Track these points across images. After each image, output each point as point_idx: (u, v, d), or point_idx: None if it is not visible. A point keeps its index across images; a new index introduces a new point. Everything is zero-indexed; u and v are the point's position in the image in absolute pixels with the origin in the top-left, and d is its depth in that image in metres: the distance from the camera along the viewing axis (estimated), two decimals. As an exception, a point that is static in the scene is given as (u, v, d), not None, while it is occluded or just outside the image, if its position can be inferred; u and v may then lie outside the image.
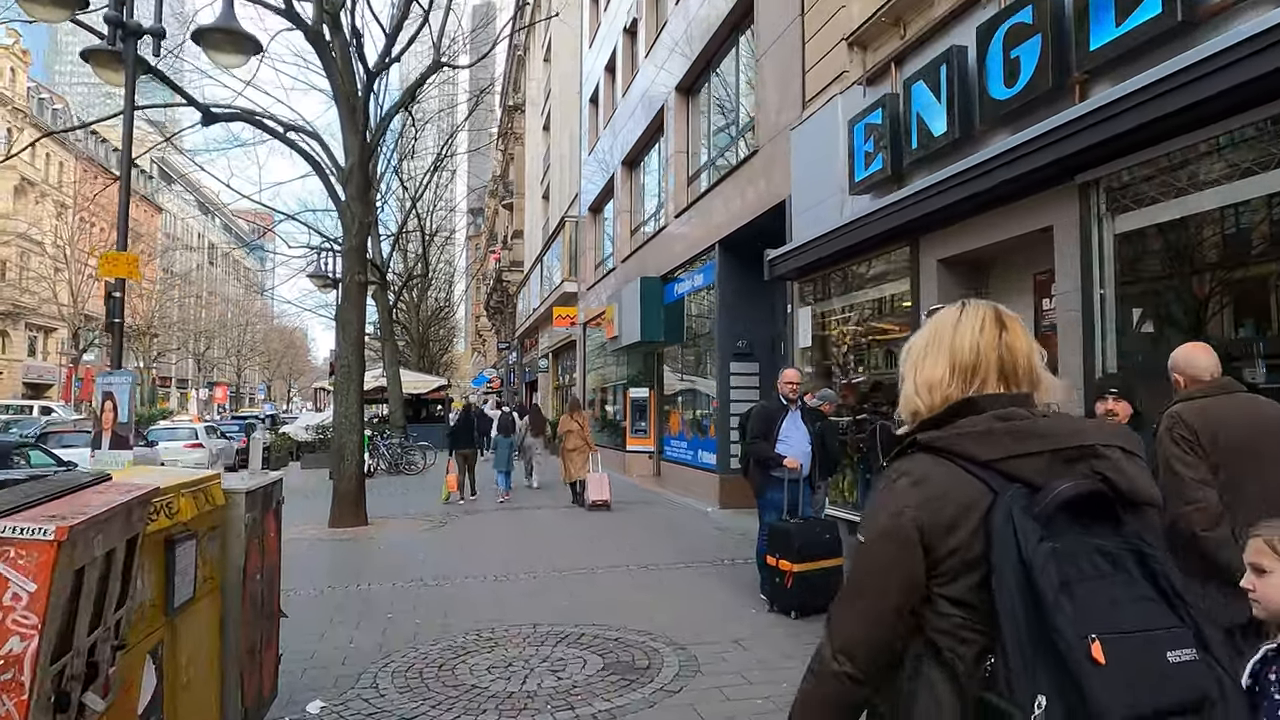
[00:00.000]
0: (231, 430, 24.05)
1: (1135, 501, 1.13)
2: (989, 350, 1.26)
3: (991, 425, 1.18)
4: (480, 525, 10.41)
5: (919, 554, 1.15)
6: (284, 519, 10.05)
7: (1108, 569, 1.06)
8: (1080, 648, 0.99)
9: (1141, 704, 0.98)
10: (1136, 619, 1.03)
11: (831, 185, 7.85)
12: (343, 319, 10.41)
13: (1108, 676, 0.98)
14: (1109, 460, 1.15)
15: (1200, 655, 1.03)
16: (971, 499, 1.14)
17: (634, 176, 17.76)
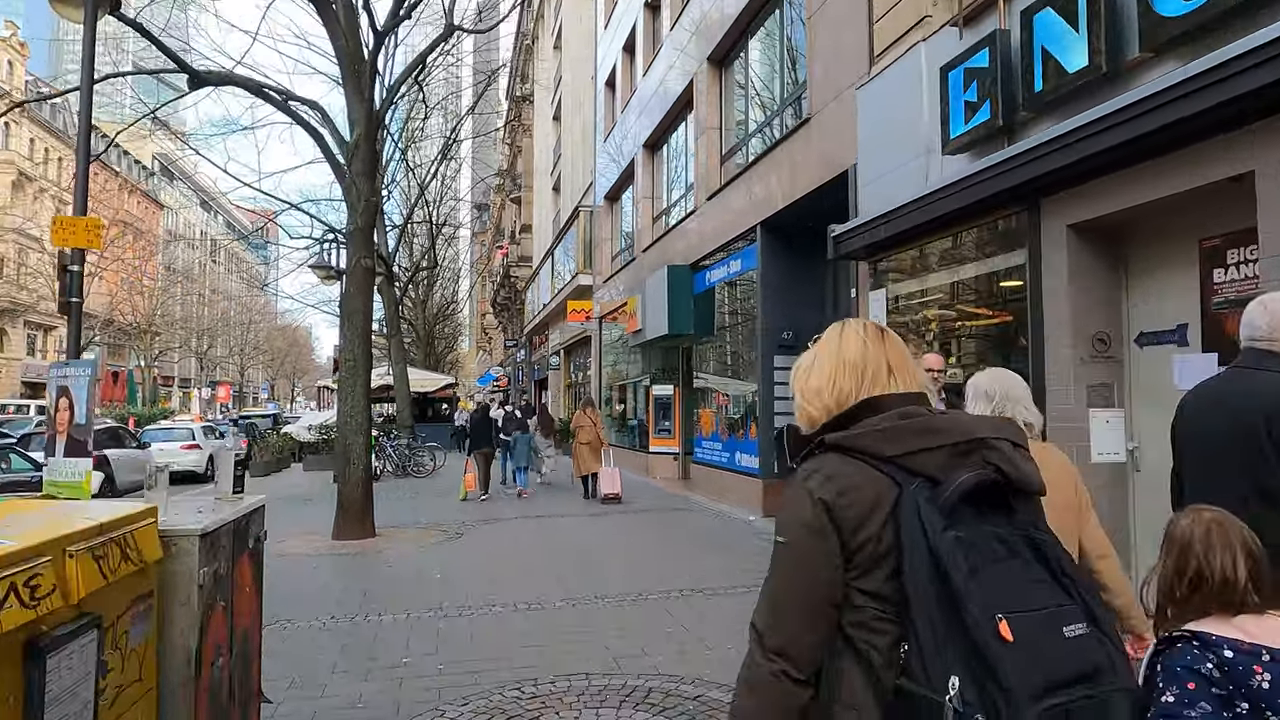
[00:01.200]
0: (230, 430, 23.03)
1: (1024, 490, 1.22)
2: (876, 355, 1.33)
3: (894, 423, 1.25)
4: (500, 536, 9.36)
5: (837, 546, 1.20)
6: (284, 528, 9.04)
7: (1005, 554, 1.13)
8: (989, 627, 1.06)
9: (1046, 675, 1.05)
10: (1036, 598, 1.11)
11: (912, 147, 6.77)
12: (348, 308, 9.36)
13: (1015, 652, 1.05)
14: (999, 451, 1.22)
15: (1090, 629, 1.11)
16: (879, 493, 1.20)
17: (656, 160, 16.69)
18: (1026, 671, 1.04)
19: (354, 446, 9.22)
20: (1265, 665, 1.39)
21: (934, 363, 4.92)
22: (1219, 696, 1.39)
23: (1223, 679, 1.40)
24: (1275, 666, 1.39)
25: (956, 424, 1.25)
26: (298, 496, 14.12)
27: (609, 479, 12.30)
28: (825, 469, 1.24)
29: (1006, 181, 5.29)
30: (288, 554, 8.43)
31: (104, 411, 39.43)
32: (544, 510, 11.60)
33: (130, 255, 50.35)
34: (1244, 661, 1.40)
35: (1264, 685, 1.38)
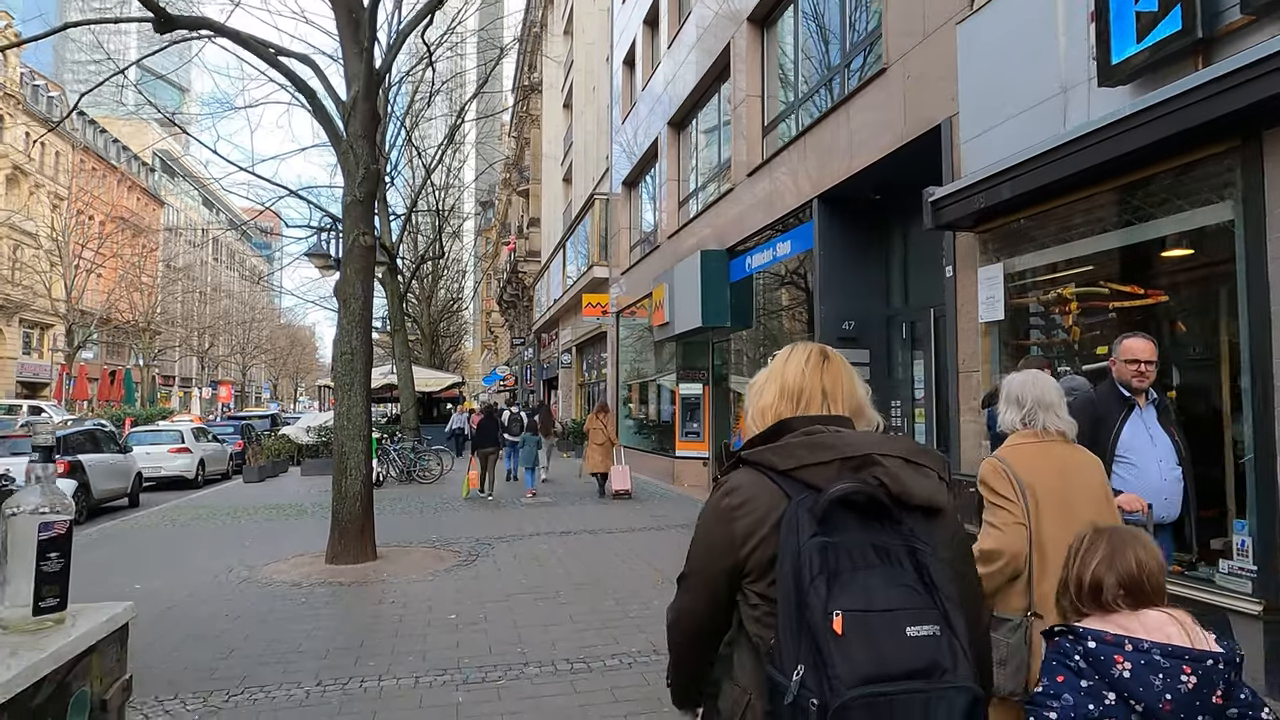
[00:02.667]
0: (225, 432, 21.76)
1: (908, 504, 1.30)
2: (812, 379, 1.48)
3: (792, 440, 1.37)
4: (521, 560, 8.04)
5: (732, 557, 1.35)
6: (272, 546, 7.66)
7: (875, 560, 1.23)
8: (824, 622, 1.18)
9: (871, 667, 1.16)
10: (888, 600, 1.19)
11: (1040, 85, 5.44)
12: (344, 293, 8.05)
13: (844, 645, 1.16)
14: (885, 468, 1.30)
15: (943, 632, 1.20)
16: (772, 504, 1.33)
17: (683, 139, 15.36)
18: (852, 661, 1.16)
19: (351, 453, 7.91)
20: (1126, 655, 1.48)
21: (1140, 350, 3.57)
22: (1087, 688, 1.49)
23: (1089, 669, 1.50)
24: (1136, 656, 1.47)
25: (847, 441, 1.36)
26: (292, 506, 12.82)
27: (619, 477, 12.92)
28: (733, 482, 1.40)
29: (1211, 110, 3.96)
30: (273, 582, 7.12)
31: (101, 412, 38.29)
32: (564, 523, 10.27)
33: (129, 252, 49.21)
34: (1105, 651, 1.49)
35: (1124, 674, 1.47)
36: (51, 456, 1.62)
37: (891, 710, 1.15)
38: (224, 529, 10.66)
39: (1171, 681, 1.45)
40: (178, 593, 6.78)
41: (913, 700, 1.16)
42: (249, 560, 8.16)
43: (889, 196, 8.64)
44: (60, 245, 41.58)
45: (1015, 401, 2.51)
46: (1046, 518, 2.33)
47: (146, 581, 7.31)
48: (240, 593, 6.78)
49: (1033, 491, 2.37)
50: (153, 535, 10.24)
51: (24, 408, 33.02)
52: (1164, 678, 1.46)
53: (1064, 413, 2.49)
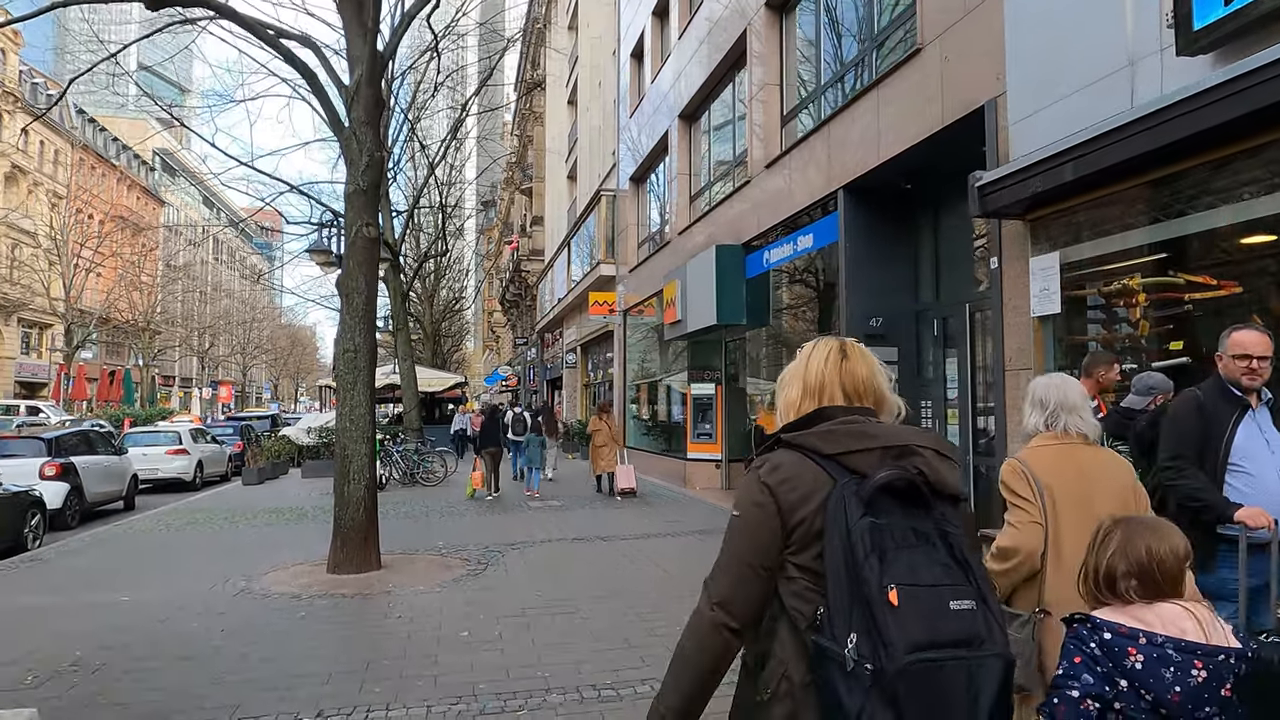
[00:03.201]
0: (225, 433, 21.34)
1: (941, 492, 1.43)
2: (832, 375, 1.58)
3: (834, 427, 1.49)
4: (534, 568, 7.61)
5: (778, 524, 1.45)
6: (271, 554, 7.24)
7: (915, 541, 1.36)
8: (880, 594, 1.29)
9: (922, 636, 1.28)
10: (931, 576, 1.33)
11: (1103, 59, 5.02)
12: (346, 287, 7.62)
13: (899, 615, 1.28)
14: (923, 458, 1.44)
15: (979, 606, 1.34)
16: (817, 484, 1.43)
17: (695, 132, 14.94)
18: (906, 630, 1.27)
19: (354, 456, 7.47)
20: (1140, 648, 1.55)
21: (1253, 344, 3.12)
22: (1101, 674, 1.57)
23: (1103, 657, 1.58)
24: (1149, 649, 1.55)
25: (888, 432, 1.49)
26: (292, 510, 12.39)
27: (624, 475, 13.11)
28: (774, 460, 1.50)
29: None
30: (270, 593, 6.69)
31: (100, 412, 37.88)
32: (575, 528, 9.83)
33: (128, 251, 48.81)
34: (1120, 643, 1.57)
35: (1137, 665, 1.54)
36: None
37: (941, 675, 1.28)
38: (221, 534, 10.24)
39: (1181, 675, 1.52)
40: (168, 605, 6.36)
41: (959, 666, 1.29)
42: (246, 568, 7.73)
43: (920, 186, 8.22)
44: (59, 244, 41.17)
45: (1039, 404, 2.54)
46: (1064, 518, 2.35)
47: (136, 591, 6.89)
48: (236, 605, 6.35)
49: (1051, 492, 2.39)
50: (146, 540, 9.82)
51: (21, 408, 32.66)
52: (1175, 671, 1.52)
53: (1088, 415, 2.50)
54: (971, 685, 1.29)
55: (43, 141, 48.48)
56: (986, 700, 1.30)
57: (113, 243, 46.29)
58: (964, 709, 1.29)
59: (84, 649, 5.16)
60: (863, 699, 1.28)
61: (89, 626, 5.74)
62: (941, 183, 7.95)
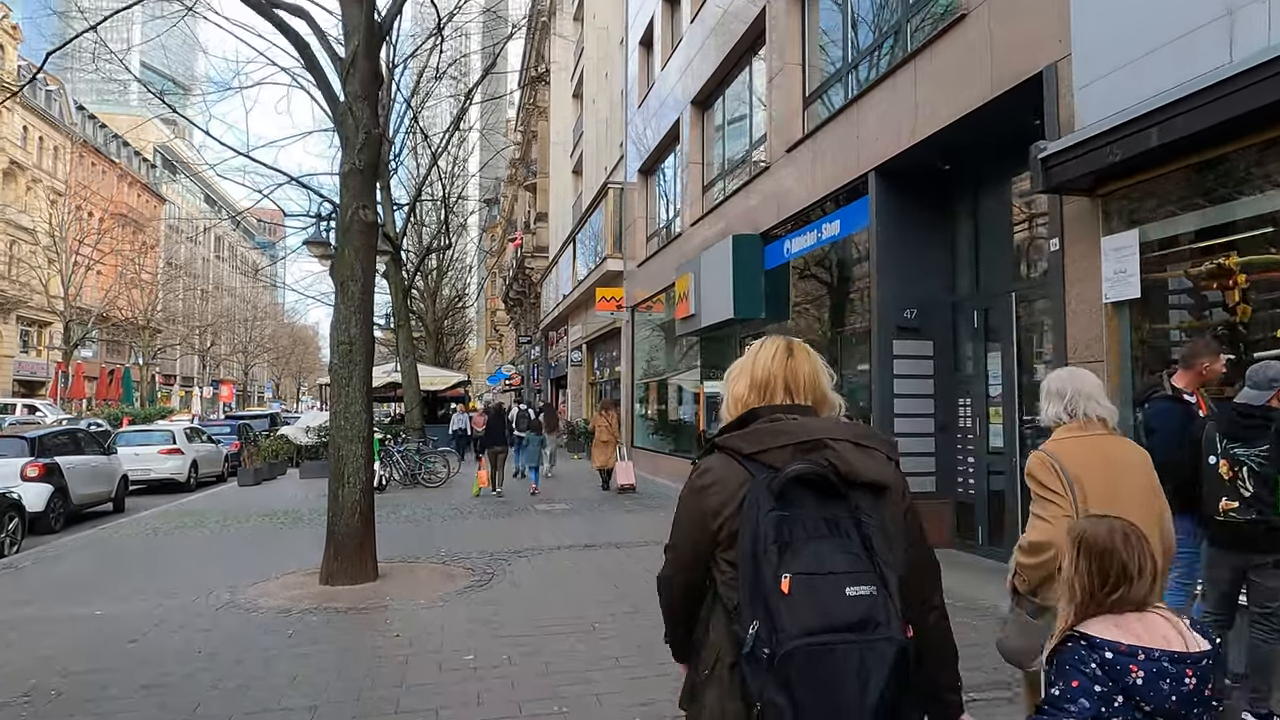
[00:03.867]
0: (222, 433, 20.79)
1: (855, 481, 1.48)
2: (778, 372, 1.66)
3: (758, 426, 1.57)
4: (544, 578, 7.03)
5: (705, 526, 1.56)
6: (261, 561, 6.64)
7: (825, 531, 1.43)
8: (774, 583, 1.38)
9: (814, 621, 1.36)
10: (830, 564, 1.39)
11: (1192, 8, 4.43)
12: (342, 274, 7.04)
13: (791, 602, 1.37)
14: (835, 450, 1.50)
15: (878, 592, 1.39)
16: (739, 483, 1.52)
17: (708, 119, 14.35)
18: (797, 616, 1.36)
19: (349, 457, 6.90)
20: (1139, 664, 1.59)
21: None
22: (1099, 694, 1.59)
23: (1104, 676, 1.59)
24: (1148, 664, 1.58)
25: (803, 427, 1.55)
26: (288, 513, 11.83)
27: (624, 471, 13.64)
28: (704, 465, 1.60)
29: None
30: (258, 608, 6.12)
31: (98, 411, 37.38)
32: (585, 534, 9.25)
33: (128, 248, 48.32)
34: (1122, 661, 1.59)
35: (1138, 681, 1.58)
36: None
37: (830, 657, 1.36)
38: (211, 539, 9.67)
39: (1177, 684, 1.59)
40: (145, 620, 5.79)
41: (849, 649, 1.36)
42: (233, 577, 7.17)
43: (959, 167, 7.63)
44: (56, 240, 40.67)
45: (1056, 394, 2.57)
46: (1095, 510, 2.28)
47: (112, 603, 6.32)
48: (218, 621, 5.79)
49: (1080, 484, 2.39)
50: (132, 546, 9.26)
51: (18, 406, 32.15)
52: (1171, 682, 1.58)
53: (1104, 400, 2.54)
54: (862, 668, 1.36)
55: (41, 137, 48.02)
56: (877, 683, 1.36)
57: (112, 239, 45.82)
58: (854, 690, 1.36)
59: (42, 675, 4.59)
60: (761, 681, 1.38)
61: (54, 646, 5.18)
62: (984, 162, 7.37)
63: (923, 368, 8.12)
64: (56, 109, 49.82)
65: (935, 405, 8.10)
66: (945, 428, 8.05)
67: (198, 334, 60.62)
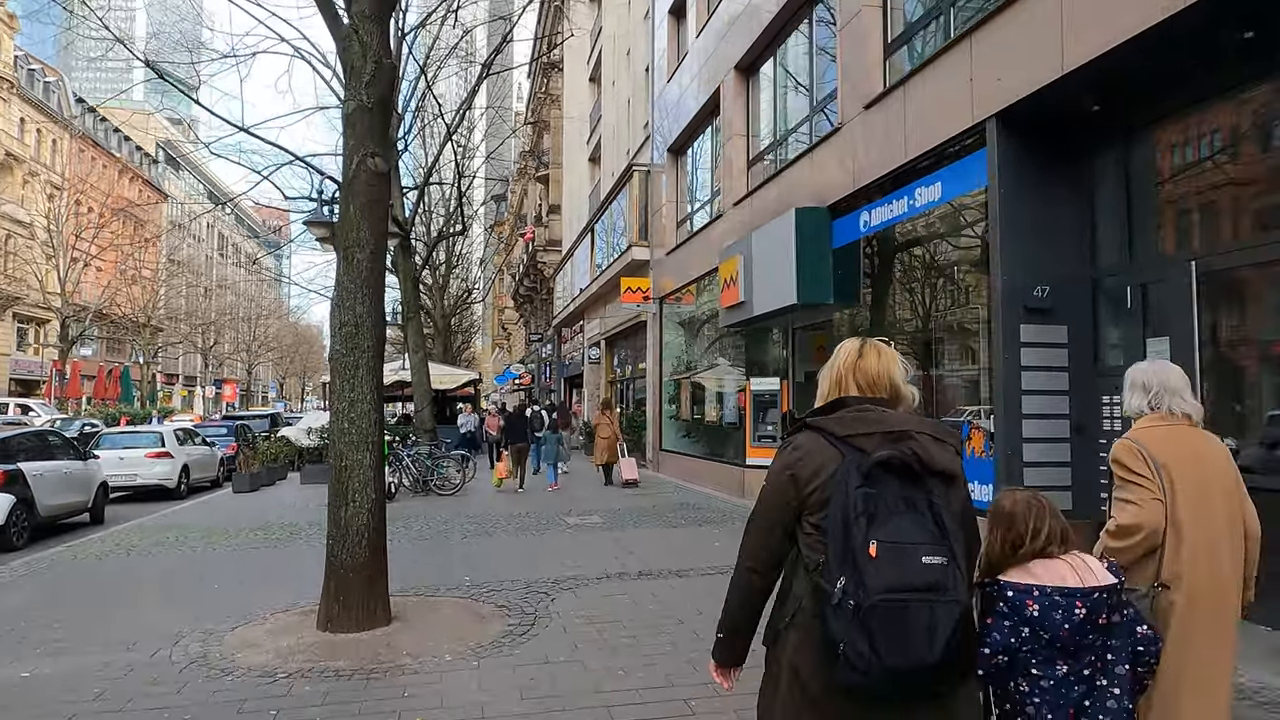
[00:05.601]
0: (218, 434, 19.38)
1: (932, 469, 1.76)
2: (848, 372, 1.95)
3: (847, 414, 1.86)
4: (601, 624, 5.57)
5: (794, 492, 1.82)
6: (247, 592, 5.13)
7: (904, 508, 1.71)
8: (863, 548, 1.66)
9: (895, 581, 1.63)
10: (910, 536, 1.68)
11: None
12: (345, 238, 5.59)
13: (877, 564, 1.64)
14: (918, 441, 1.78)
15: (949, 563, 1.67)
16: (829, 459, 1.80)
17: (755, 85, 12.89)
18: (881, 575, 1.63)
19: (355, 468, 5.44)
20: (1034, 599, 1.99)
21: None
22: (1008, 627, 2.00)
23: (1009, 612, 2.01)
24: (1040, 599, 1.99)
25: (891, 419, 1.84)
26: (284, 526, 10.39)
27: (627, 467, 14.67)
28: (796, 441, 1.88)
29: None
30: (234, 668, 4.66)
31: (94, 411, 36.05)
32: (635, 555, 7.78)
33: (128, 244, 47.01)
34: (1020, 598, 2.00)
35: (1034, 613, 1.99)
36: None
37: (906, 612, 1.63)
38: (192, 559, 8.23)
39: (1067, 614, 1.98)
40: (81, 688, 4.35)
41: (921, 606, 1.63)
42: (211, 617, 5.73)
43: (1111, 107, 6.15)
44: (52, 234, 39.36)
45: (1141, 386, 2.61)
46: (1181, 497, 2.40)
47: (48, 660, 4.88)
48: (181, 687, 4.35)
49: (1167, 471, 2.42)
50: (96, 570, 7.83)
51: (10, 406, 30.82)
52: (1062, 612, 1.98)
53: (1189, 396, 2.57)
54: (931, 621, 1.63)
55: (39, 129, 46.73)
56: (943, 634, 1.63)
57: (111, 234, 44.53)
58: (924, 641, 1.62)
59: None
60: (846, 628, 1.66)
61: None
62: (1152, 99, 5.89)
63: (1055, 358, 6.63)
64: (55, 101, 48.59)
65: (1070, 404, 6.62)
66: (1082, 430, 6.57)
67: (200, 332, 59.29)
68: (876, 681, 1.63)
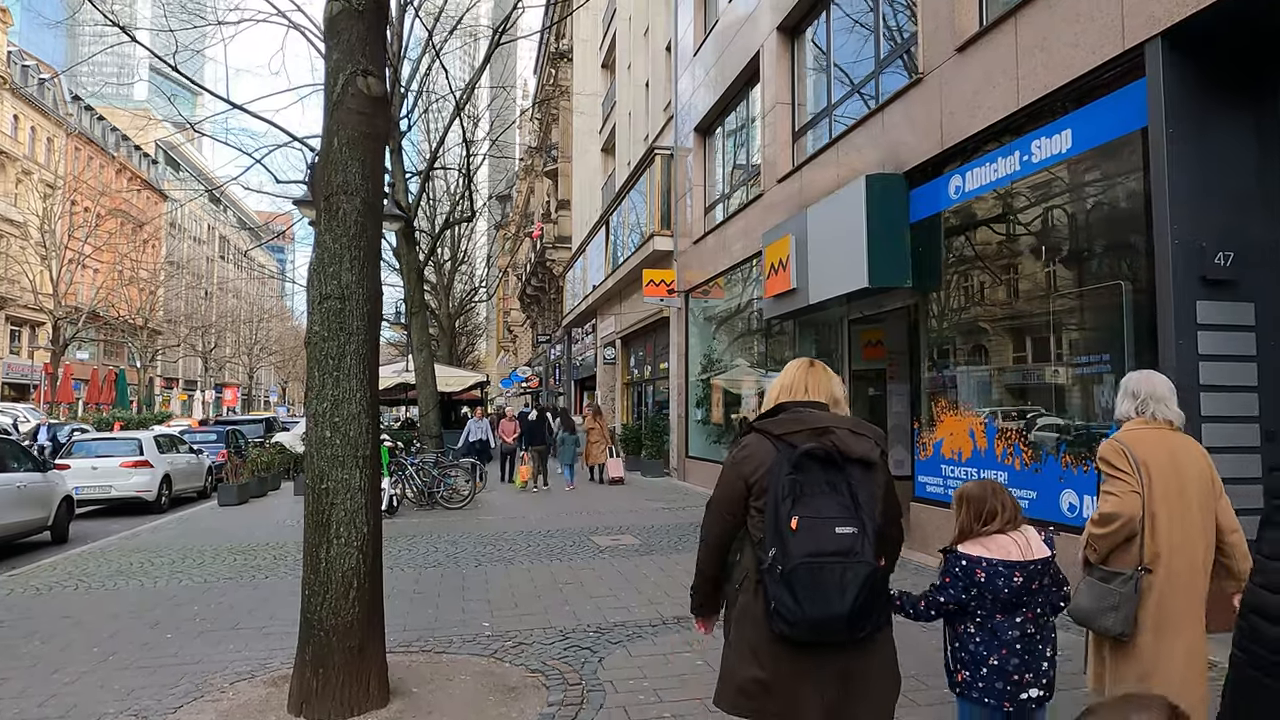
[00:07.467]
0: (207, 440, 17.97)
1: (850, 457, 2.20)
2: (794, 382, 2.44)
3: (784, 416, 2.33)
4: (669, 696, 4.13)
5: (742, 485, 2.27)
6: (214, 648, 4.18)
7: (825, 490, 2.16)
8: (786, 522, 2.12)
9: (812, 548, 2.10)
10: (826, 511, 2.13)
11: None
12: (328, 182, 4.15)
13: (798, 536, 2.11)
14: (837, 435, 2.23)
15: (859, 532, 2.12)
16: (768, 455, 2.24)
17: (800, 45, 11.46)
18: (801, 544, 2.10)
19: (339, 492, 3.99)
20: (983, 568, 2.60)
21: None
22: (961, 585, 2.63)
23: (961, 575, 2.63)
24: (988, 568, 2.59)
25: (818, 418, 2.30)
26: (270, 548, 8.96)
27: (614, 466, 15.87)
28: (744, 441, 2.34)
29: None
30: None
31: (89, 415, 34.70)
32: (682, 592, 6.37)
33: (125, 245, 45.72)
34: (971, 567, 2.61)
35: (982, 579, 2.59)
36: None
37: (822, 572, 2.09)
38: (150, 597, 6.79)
39: (1007, 580, 2.58)
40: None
41: (835, 567, 2.09)
42: (151, 689, 4.32)
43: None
44: (45, 234, 38.06)
45: (1131, 394, 2.95)
46: (1158, 490, 2.74)
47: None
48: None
49: (1147, 467, 2.75)
50: (30, 611, 6.38)
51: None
52: (1003, 579, 2.58)
53: (1173, 404, 2.91)
54: (843, 579, 2.08)
55: (34, 127, 45.52)
56: (852, 589, 2.08)
57: (107, 233, 43.25)
58: (836, 593, 2.08)
59: None
60: (776, 587, 2.12)
61: None
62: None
63: (1240, 344, 5.18)
64: (50, 98, 47.37)
65: (1260, 403, 5.17)
66: (1274, 438, 5.12)
67: (200, 335, 57.96)
68: (802, 630, 2.12)
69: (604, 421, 16.88)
